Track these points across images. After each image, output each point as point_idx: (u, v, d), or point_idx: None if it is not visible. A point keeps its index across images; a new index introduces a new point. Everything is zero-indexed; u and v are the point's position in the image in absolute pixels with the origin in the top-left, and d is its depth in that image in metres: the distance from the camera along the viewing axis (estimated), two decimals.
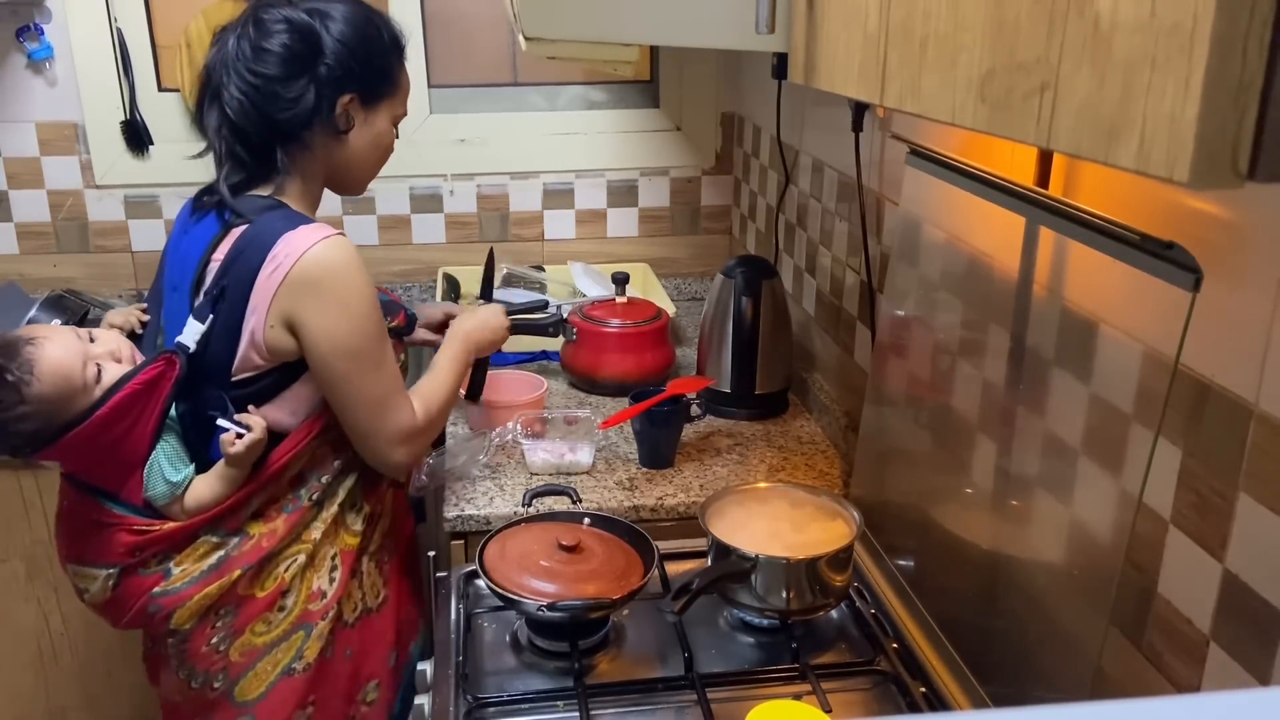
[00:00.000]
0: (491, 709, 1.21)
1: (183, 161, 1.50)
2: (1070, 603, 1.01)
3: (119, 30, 2.36)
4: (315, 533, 1.42)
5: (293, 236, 1.32)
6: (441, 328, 1.79)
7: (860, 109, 1.62)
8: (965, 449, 1.23)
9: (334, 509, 1.44)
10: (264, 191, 1.41)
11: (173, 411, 1.39)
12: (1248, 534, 0.85)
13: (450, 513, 1.60)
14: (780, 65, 1.13)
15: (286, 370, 1.38)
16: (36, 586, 2.13)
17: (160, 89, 2.45)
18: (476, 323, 1.64)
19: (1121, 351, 0.95)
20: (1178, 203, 0.91)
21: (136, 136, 2.41)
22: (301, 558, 1.41)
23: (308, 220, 1.37)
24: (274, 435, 1.38)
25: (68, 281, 2.47)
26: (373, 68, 1.43)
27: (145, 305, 1.54)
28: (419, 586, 1.66)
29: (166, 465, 1.36)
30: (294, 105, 1.37)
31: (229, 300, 1.33)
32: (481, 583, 1.34)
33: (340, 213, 2.50)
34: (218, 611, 1.39)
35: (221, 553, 1.38)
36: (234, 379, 1.36)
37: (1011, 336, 1.13)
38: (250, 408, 1.37)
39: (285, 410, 1.39)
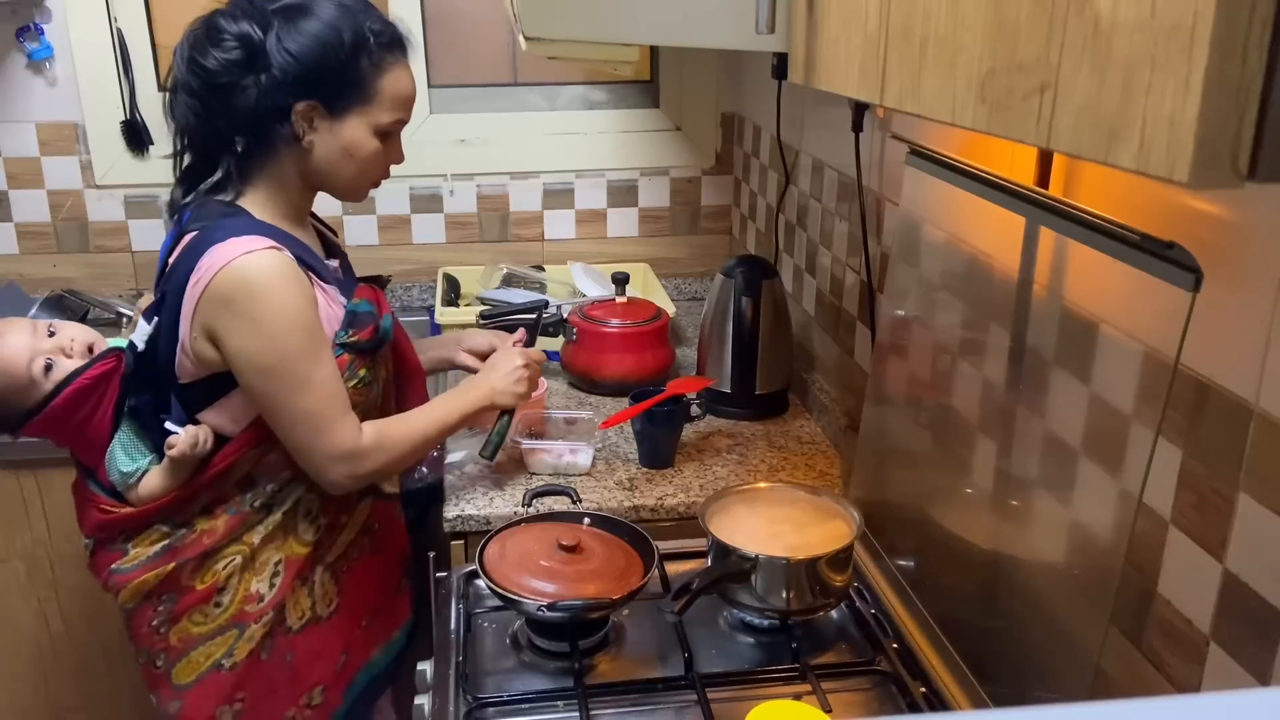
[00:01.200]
0: (491, 709, 1.21)
1: None
2: (1070, 603, 1.01)
3: (119, 30, 2.36)
4: (255, 537, 1.44)
5: (220, 248, 1.31)
6: (485, 356, 1.70)
7: (860, 109, 1.62)
8: (965, 449, 1.23)
9: (279, 516, 1.44)
10: (227, 197, 1.40)
11: (131, 403, 1.46)
12: (1248, 534, 0.85)
13: (450, 513, 1.60)
14: (780, 65, 1.13)
15: (222, 378, 1.38)
16: (36, 586, 2.13)
17: (160, 89, 2.44)
18: (496, 369, 1.59)
19: (1121, 351, 0.95)
20: (1178, 203, 0.91)
21: (136, 136, 2.41)
22: (239, 559, 1.43)
23: (253, 230, 1.34)
24: (219, 438, 1.41)
25: (68, 281, 2.47)
26: (330, 76, 1.36)
27: None
28: (399, 596, 1.63)
29: (122, 455, 1.44)
30: (231, 114, 1.35)
31: (168, 306, 1.35)
32: (481, 583, 1.34)
33: (340, 213, 2.50)
34: (160, 596, 1.45)
35: (167, 542, 1.44)
36: (179, 381, 1.40)
37: (1011, 336, 1.13)
38: (188, 427, 1.40)
39: (226, 416, 1.41)
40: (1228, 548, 0.87)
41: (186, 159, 1.43)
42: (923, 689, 1.22)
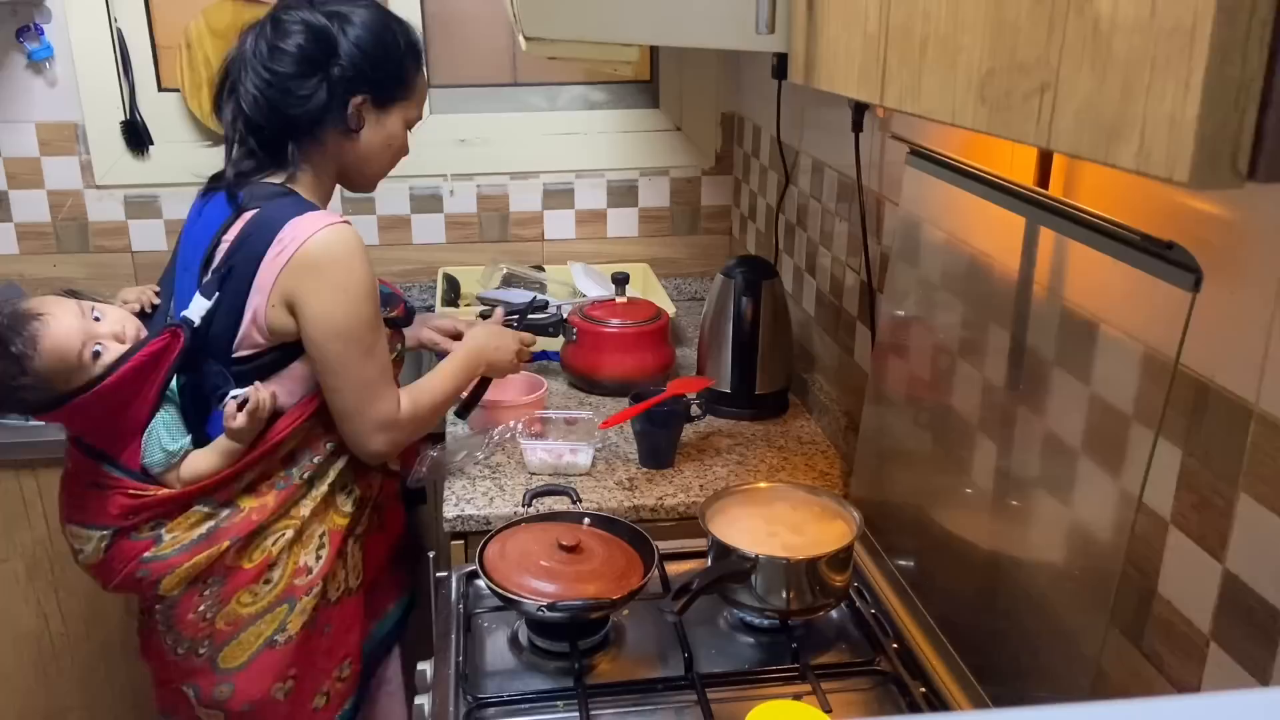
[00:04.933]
0: (491, 709, 1.21)
1: (183, 161, 1.52)
2: (1070, 603, 1.01)
3: (119, 30, 2.36)
4: (304, 510, 1.48)
5: (300, 221, 1.39)
6: (454, 336, 1.83)
7: (860, 109, 1.62)
8: (965, 449, 1.23)
9: (324, 489, 1.50)
10: (276, 180, 1.47)
11: (174, 383, 1.45)
12: (1248, 534, 0.85)
13: (450, 513, 1.60)
14: (780, 65, 1.13)
15: (284, 350, 1.44)
16: (36, 586, 2.13)
17: (160, 89, 2.45)
18: (495, 341, 1.69)
19: (1121, 351, 0.95)
20: (1178, 203, 0.91)
21: (136, 136, 2.41)
22: (289, 533, 1.47)
23: (316, 207, 1.44)
24: (271, 413, 1.44)
25: (68, 281, 2.45)
26: (386, 71, 1.48)
27: (158, 287, 1.59)
28: (396, 571, 1.71)
29: (165, 434, 1.43)
30: (305, 103, 1.43)
31: (235, 279, 1.40)
32: (481, 583, 1.34)
33: (340, 213, 2.50)
34: (206, 580, 1.44)
35: (212, 523, 1.44)
36: (235, 355, 1.43)
37: (1011, 336, 1.13)
38: (257, 383, 1.42)
39: (282, 389, 1.45)
40: (1228, 548, 0.87)
41: (236, 146, 1.49)
42: (923, 689, 1.22)
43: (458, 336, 1.83)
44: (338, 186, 1.59)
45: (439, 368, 1.61)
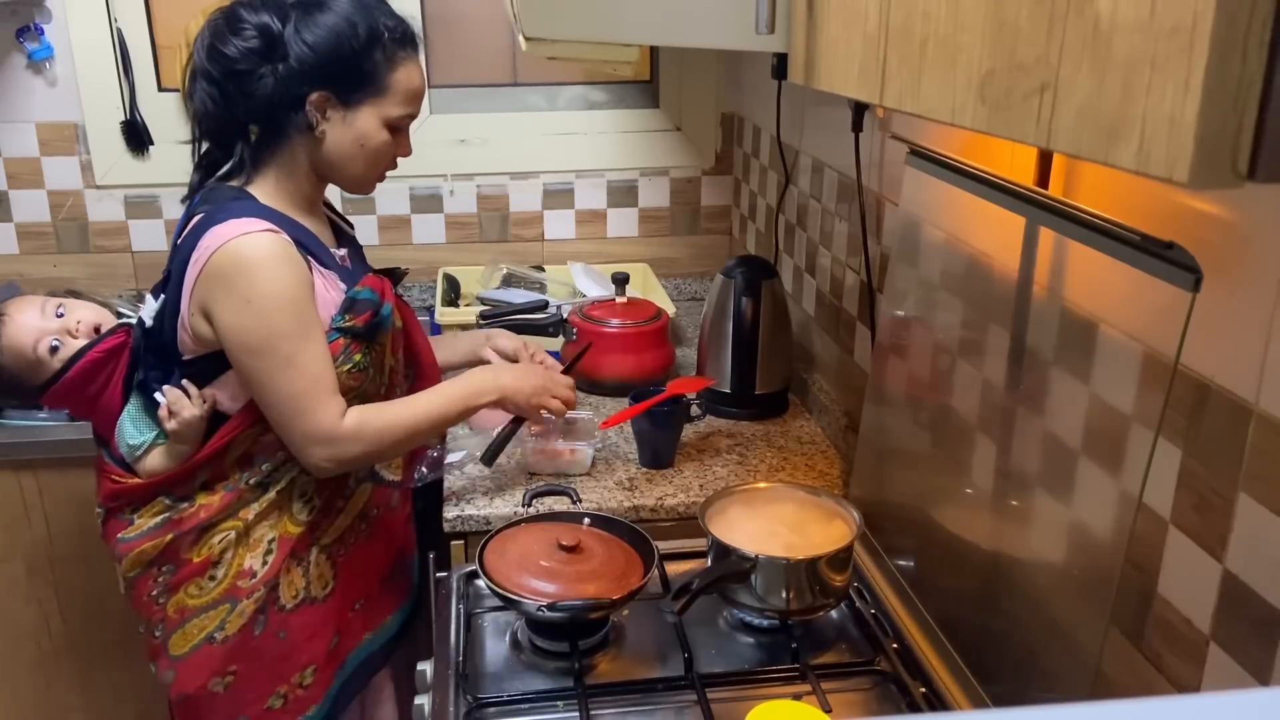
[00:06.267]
0: (491, 709, 1.21)
1: (183, 161, 1.52)
2: (1070, 603, 1.01)
3: (119, 30, 2.36)
4: (250, 513, 1.47)
5: (219, 229, 1.35)
6: (509, 358, 1.72)
7: (860, 109, 1.62)
8: (965, 449, 1.23)
9: (273, 494, 1.47)
10: (237, 182, 1.45)
11: (139, 377, 1.50)
12: (1248, 534, 0.85)
13: (450, 513, 1.60)
14: (780, 65, 1.13)
15: (220, 355, 1.41)
16: (36, 586, 2.13)
17: (160, 89, 2.45)
18: (516, 373, 1.58)
19: (1121, 351, 0.95)
20: (1178, 203, 0.91)
21: (136, 136, 2.41)
22: (233, 534, 1.46)
23: (254, 213, 1.37)
24: (220, 415, 1.45)
25: (68, 282, 2.46)
26: (345, 67, 1.40)
27: None
28: (397, 582, 1.65)
29: (130, 427, 1.48)
30: (248, 102, 1.39)
31: (172, 283, 1.41)
32: (481, 583, 1.34)
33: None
34: (160, 566, 1.48)
35: (168, 514, 1.48)
36: (182, 357, 1.44)
37: (1011, 336, 1.13)
38: (186, 384, 1.44)
39: (225, 394, 1.45)
40: (1228, 548, 0.87)
41: (203, 145, 1.48)
42: (923, 689, 1.22)
43: (518, 360, 1.71)
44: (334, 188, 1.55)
45: (436, 389, 1.54)
